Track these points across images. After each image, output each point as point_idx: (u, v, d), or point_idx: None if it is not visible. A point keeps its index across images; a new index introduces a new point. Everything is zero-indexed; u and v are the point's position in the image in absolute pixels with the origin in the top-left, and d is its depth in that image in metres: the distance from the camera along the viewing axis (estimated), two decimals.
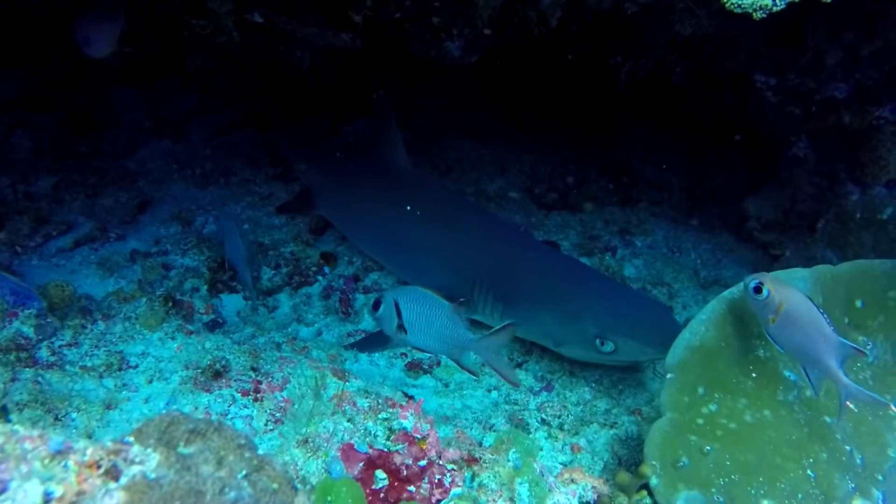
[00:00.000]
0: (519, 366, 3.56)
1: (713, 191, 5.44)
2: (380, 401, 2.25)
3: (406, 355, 3.54)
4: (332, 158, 4.77)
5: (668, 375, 2.58)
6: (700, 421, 2.49)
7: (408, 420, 2.15)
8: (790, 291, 2.44)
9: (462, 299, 3.44)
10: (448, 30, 3.65)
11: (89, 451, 0.95)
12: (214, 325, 3.45)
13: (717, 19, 3.59)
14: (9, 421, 1.00)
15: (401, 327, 2.65)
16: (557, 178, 5.47)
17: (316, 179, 4.59)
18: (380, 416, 2.13)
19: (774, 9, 2.13)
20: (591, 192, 5.26)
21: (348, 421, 2.07)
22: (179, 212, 4.58)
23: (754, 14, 2.19)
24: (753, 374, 2.57)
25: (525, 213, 4.95)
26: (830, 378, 2.35)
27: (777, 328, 2.43)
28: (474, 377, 3.30)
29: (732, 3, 2.17)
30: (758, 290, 2.47)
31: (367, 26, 3.59)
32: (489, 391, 3.34)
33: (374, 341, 3.49)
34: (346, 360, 3.39)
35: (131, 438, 1.06)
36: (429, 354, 3.49)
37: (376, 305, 2.68)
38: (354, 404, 2.17)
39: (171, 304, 3.11)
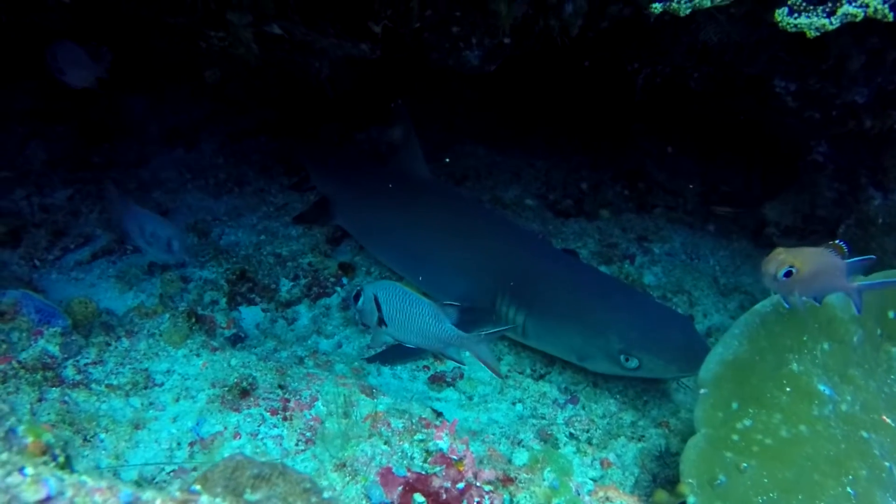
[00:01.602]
0: (542, 377, 3.53)
1: (729, 196, 5.41)
2: (414, 421, 2.23)
3: (428, 368, 3.51)
4: (350, 168, 4.74)
5: (702, 391, 2.55)
6: (735, 437, 2.45)
7: (443, 441, 2.13)
8: (805, 254, 2.49)
9: (449, 302, 3.52)
10: (467, 39, 3.63)
11: (158, 503, 0.93)
12: (237, 340, 3.43)
13: (738, 25, 3.57)
14: (74, 471, 0.98)
15: (381, 321, 2.76)
16: (572, 184, 5.44)
17: (333, 189, 4.56)
18: (415, 437, 2.11)
19: (829, 27, 2.11)
20: (606, 199, 5.23)
21: (385, 444, 2.04)
22: (195, 223, 4.56)
23: (808, 32, 2.16)
24: (787, 389, 2.54)
25: (541, 220, 4.92)
26: (839, 291, 2.49)
27: (800, 292, 2.46)
28: (462, 365, 3.40)
29: (788, 23, 2.14)
30: (788, 273, 2.45)
31: (386, 36, 3.57)
32: (514, 404, 3.32)
33: (395, 353, 3.46)
34: (368, 373, 3.37)
35: (198, 487, 1.03)
36: (453, 365, 3.47)
37: (357, 297, 2.81)
38: (389, 425, 2.15)
39: (194, 319, 3.09)
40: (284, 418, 2.46)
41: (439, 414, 2.62)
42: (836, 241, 2.52)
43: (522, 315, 3.49)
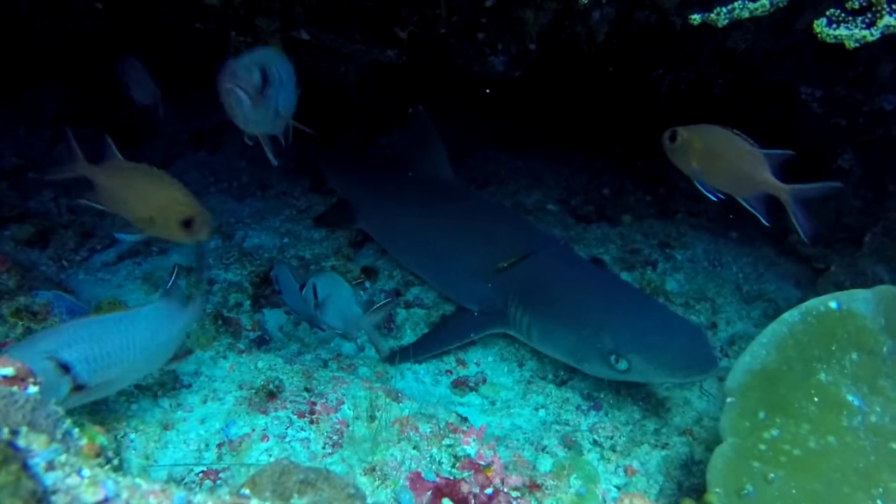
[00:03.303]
0: (564, 383, 3.53)
1: None
2: (441, 426, 2.24)
3: (451, 372, 3.53)
4: (372, 172, 4.76)
5: (729, 399, 2.54)
6: (762, 447, 2.44)
7: (471, 446, 2.14)
8: (705, 128, 2.47)
9: (358, 280, 3.80)
10: (493, 45, 3.65)
11: None
12: (261, 342, 3.46)
13: (765, 32, 3.55)
14: (128, 473, 1.00)
15: (317, 307, 2.95)
16: (593, 189, 5.44)
17: (356, 193, 4.58)
18: (443, 442, 2.12)
19: (870, 39, 2.10)
20: (628, 204, 5.22)
21: (414, 448, 2.06)
22: (220, 225, 4.60)
23: (848, 43, 2.16)
24: (816, 399, 2.52)
25: (563, 226, 4.92)
26: (771, 191, 2.41)
27: (702, 166, 2.44)
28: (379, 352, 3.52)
29: (827, 35, 2.13)
30: (673, 137, 2.50)
31: (412, 42, 3.59)
32: (536, 409, 3.32)
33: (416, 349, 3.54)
34: (392, 377, 3.38)
35: (247, 490, 1.05)
36: (476, 370, 3.49)
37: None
38: (417, 430, 2.16)
39: (220, 321, 3.13)
40: (311, 421, 2.48)
41: (465, 419, 2.63)
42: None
43: (528, 317, 3.44)
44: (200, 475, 2.27)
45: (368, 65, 3.86)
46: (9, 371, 1.02)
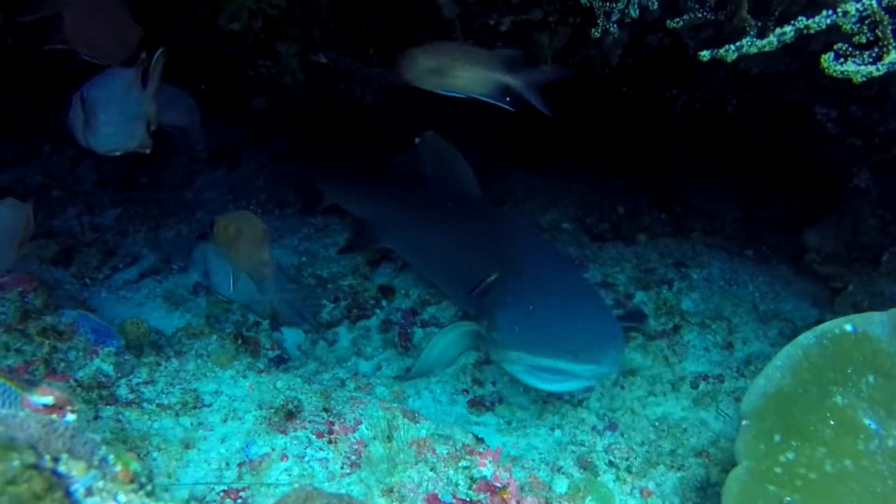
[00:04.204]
0: (580, 403, 3.54)
1: (767, 220, 5.38)
2: (458, 447, 2.27)
3: (468, 392, 3.55)
4: (394, 190, 4.79)
5: (744, 422, 2.55)
6: (778, 470, 2.44)
7: (486, 468, 2.16)
8: (433, 45, 2.84)
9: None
10: None
11: None
12: (280, 361, 3.51)
13: (777, 54, 3.57)
14: (160, 499, 1.04)
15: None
16: (608, 208, 5.45)
17: (378, 212, 4.57)
18: (460, 464, 2.15)
19: (876, 73, 2.13)
20: (643, 223, 5.23)
21: (431, 470, 2.08)
22: None
23: (855, 78, 2.19)
24: (832, 422, 2.52)
25: (578, 244, 4.93)
26: (506, 82, 2.76)
27: (441, 75, 2.75)
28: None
29: (835, 70, 2.16)
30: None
31: None
32: (552, 429, 3.33)
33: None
34: (408, 396, 3.41)
35: None
36: (492, 389, 3.52)
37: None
38: (434, 451, 2.19)
39: (240, 341, 3.18)
40: (330, 441, 2.51)
41: (481, 440, 2.65)
42: None
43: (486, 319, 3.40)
44: (221, 494, 2.31)
45: (386, 86, 3.93)
46: (49, 400, 1.06)
